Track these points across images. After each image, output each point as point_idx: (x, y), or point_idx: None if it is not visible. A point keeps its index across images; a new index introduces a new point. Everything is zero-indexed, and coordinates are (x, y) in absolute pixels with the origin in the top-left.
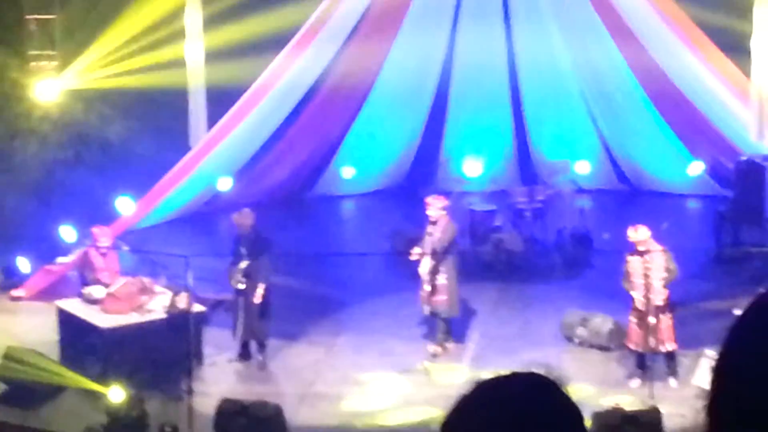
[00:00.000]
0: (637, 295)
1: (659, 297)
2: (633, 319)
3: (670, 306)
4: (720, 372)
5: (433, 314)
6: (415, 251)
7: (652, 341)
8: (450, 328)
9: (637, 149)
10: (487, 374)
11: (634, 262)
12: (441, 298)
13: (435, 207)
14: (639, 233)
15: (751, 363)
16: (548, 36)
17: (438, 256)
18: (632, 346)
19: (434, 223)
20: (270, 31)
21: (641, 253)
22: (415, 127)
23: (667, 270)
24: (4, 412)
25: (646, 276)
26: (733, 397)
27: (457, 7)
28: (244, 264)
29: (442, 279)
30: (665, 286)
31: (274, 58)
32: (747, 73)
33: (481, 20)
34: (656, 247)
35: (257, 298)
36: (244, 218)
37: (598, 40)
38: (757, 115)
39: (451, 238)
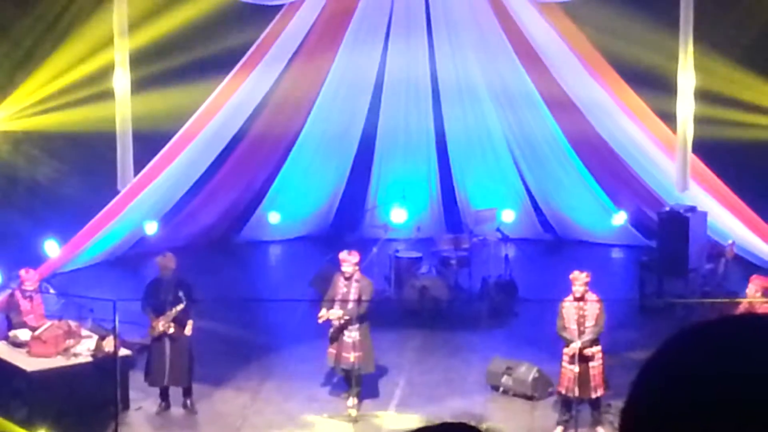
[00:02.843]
0: (570, 341)
1: (593, 341)
2: (565, 365)
3: (602, 352)
4: (624, 424)
5: (346, 371)
6: (333, 313)
7: (582, 387)
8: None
9: (561, 199)
10: (414, 422)
11: (569, 308)
12: (357, 354)
13: (350, 263)
14: (583, 275)
15: (651, 419)
16: (475, 87)
17: (355, 314)
18: (563, 391)
19: (348, 278)
20: (198, 76)
21: (577, 299)
22: (340, 174)
23: (597, 320)
24: None
25: (579, 323)
26: None
27: (383, 58)
28: (178, 308)
29: (357, 335)
30: (595, 337)
31: (202, 102)
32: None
33: (407, 71)
34: (592, 297)
35: (188, 331)
36: (168, 261)
37: (524, 92)
38: (681, 167)
39: (370, 297)
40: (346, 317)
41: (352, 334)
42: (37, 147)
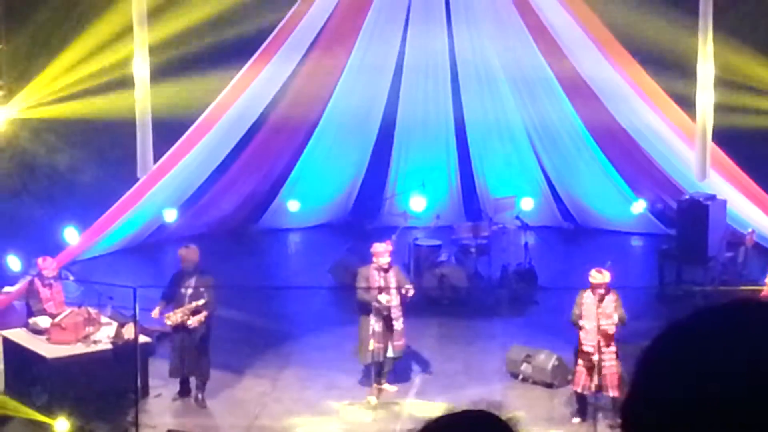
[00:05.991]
0: (587, 338)
1: (608, 341)
2: (580, 362)
3: (618, 352)
4: (624, 417)
5: (392, 359)
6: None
7: (598, 384)
8: None
9: (580, 187)
10: (434, 410)
11: (588, 305)
12: (401, 342)
13: (387, 254)
14: (604, 276)
15: (649, 410)
16: (494, 75)
17: (400, 302)
18: (578, 389)
19: (385, 270)
20: (218, 63)
21: (598, 296)
22: (360, 162)
23: (616, 313)
24: None
25: (598, 319)
26: None
27: (403, 45)
28: (199, 303)
29: (399, 324)
30: (613, 333)
31: (221, 90)
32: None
33: (427, 58)
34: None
35: (199, 327)
36: (190, 253)
37: (543, 80)
38: (701, 156)
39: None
40: (394, 309)
41: (396, 323)
42: (56, 135)
